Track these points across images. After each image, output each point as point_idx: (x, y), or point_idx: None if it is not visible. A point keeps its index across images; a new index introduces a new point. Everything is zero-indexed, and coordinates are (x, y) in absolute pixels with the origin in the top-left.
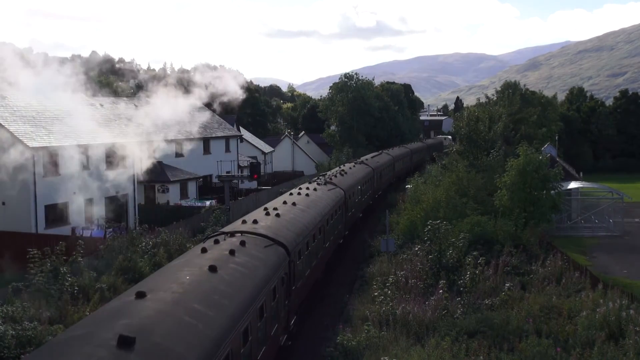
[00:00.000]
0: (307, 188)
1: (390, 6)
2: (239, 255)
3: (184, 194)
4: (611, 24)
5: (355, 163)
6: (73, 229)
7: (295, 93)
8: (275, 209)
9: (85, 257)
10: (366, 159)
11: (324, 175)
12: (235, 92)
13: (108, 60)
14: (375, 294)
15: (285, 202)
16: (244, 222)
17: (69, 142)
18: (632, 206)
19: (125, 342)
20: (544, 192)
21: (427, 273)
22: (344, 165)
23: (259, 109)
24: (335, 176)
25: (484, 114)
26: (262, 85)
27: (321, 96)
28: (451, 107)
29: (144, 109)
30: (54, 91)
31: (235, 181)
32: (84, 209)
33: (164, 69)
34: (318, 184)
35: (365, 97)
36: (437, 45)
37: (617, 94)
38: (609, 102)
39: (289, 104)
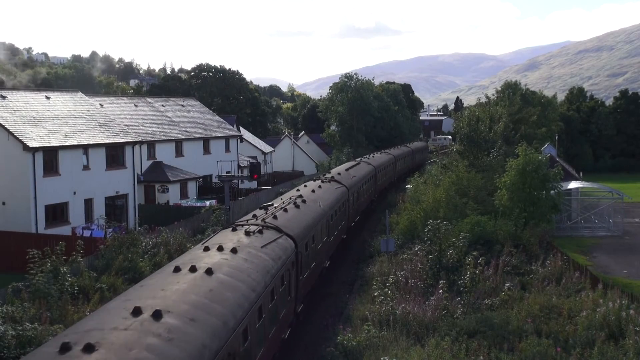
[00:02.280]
0: (220, 249)
1: (390, 6)
2: None
3: (184, 194)
4: (611, 24)
5: (323, 181)
6: (73, 229)
7: (295, 93)
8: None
9: (85, 257)
10: (339, 174)
11: (266, 209)
12: None
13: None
14: (375, 294)
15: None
16: None
17: (69, 142)
18: (632, 206)
19: None
20: (544, 192)
21: (427, 273)
22: (305, 186)
23: (259, 109)
24: (286, 210)
25: (484, 114)
26: (262, 85)
27: (321, 96)
28: (451, 107)
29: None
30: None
31: (235, 181)
32: (84, 209)
33: (163, 69)
34: (248, 232)
35: (365, 97)
36: (437, 45)
37: (617, 94)
38: (609, 102)
39: (289, 104)
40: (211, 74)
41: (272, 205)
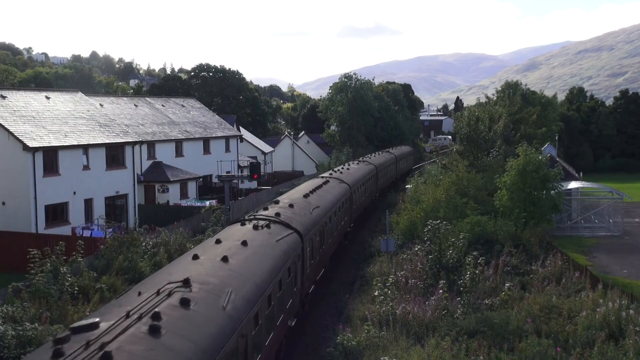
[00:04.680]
0: None
1: (389, 6)
2: None
3: (184, 194)
4: (611, 24)
5: (258, 225)
6: (73, 229)
7: (295, 93)
8: None
9: (85, 257)
10: (290, 206)
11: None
12: None
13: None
14: (375, 294)
15: None
16: None
17: (69, 142)
18: (632, 206)
19: None
20: (544, 192)
21: (427, 273)
22: (218, 243)
23: (259, 109)
24: (155, 330)
25: (484, 114)
26: (262, 85)
27: (321, 96)
28: (451, 107)
29: None
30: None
31: (235, 181)
32: (84, 209)
33: (163, 69)
34: None
35: (365, 97)
36: (437, 45)
37: (617, 94)
38: (609, 102)
39: (289, 104)
40: (211, 74)
41: (141, 302)
